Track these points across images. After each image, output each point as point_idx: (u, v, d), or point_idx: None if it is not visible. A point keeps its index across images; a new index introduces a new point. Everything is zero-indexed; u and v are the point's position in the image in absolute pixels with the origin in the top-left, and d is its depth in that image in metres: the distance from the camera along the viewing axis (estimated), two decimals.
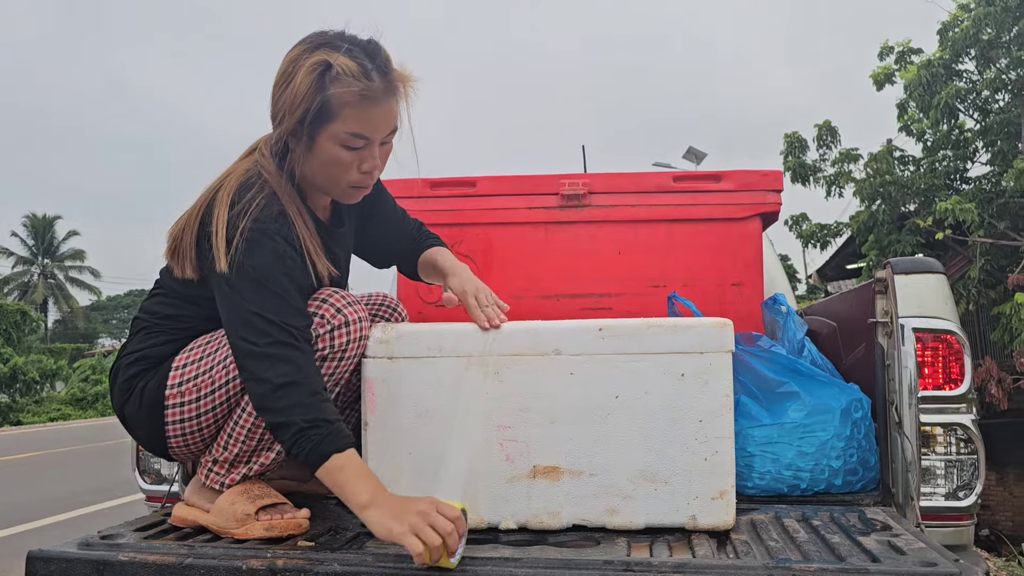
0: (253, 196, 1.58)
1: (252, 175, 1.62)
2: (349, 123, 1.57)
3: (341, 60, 1.54)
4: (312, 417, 1.48)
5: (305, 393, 1.50)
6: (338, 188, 1.68)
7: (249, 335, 1.52)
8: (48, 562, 1.52)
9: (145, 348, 1.73)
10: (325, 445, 1.47)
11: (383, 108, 1.60)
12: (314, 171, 1.65)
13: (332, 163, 1.62)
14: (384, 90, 1.59)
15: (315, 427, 1.47)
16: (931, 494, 1.84)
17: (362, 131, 1.59)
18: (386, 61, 1.60)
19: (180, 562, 1.47)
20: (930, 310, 1.89)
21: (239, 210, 1.56)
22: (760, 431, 1.94)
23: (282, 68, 1.59)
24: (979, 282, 6.89)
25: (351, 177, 1.65)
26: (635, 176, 2.67)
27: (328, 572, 1.42)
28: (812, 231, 8.81)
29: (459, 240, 2.65)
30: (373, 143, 1.62)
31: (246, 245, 1.54)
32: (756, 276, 2.57)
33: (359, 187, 1.69)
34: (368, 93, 1.56)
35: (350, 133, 1.58)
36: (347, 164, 1.62)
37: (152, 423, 1.70)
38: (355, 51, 1.57)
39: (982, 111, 7.72)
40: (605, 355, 1.65)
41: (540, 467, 1.67)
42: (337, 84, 1.54)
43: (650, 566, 1.39)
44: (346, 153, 1.61)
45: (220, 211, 1.57)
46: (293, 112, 1.55)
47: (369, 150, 1.63)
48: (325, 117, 1.56)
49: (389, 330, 1.72)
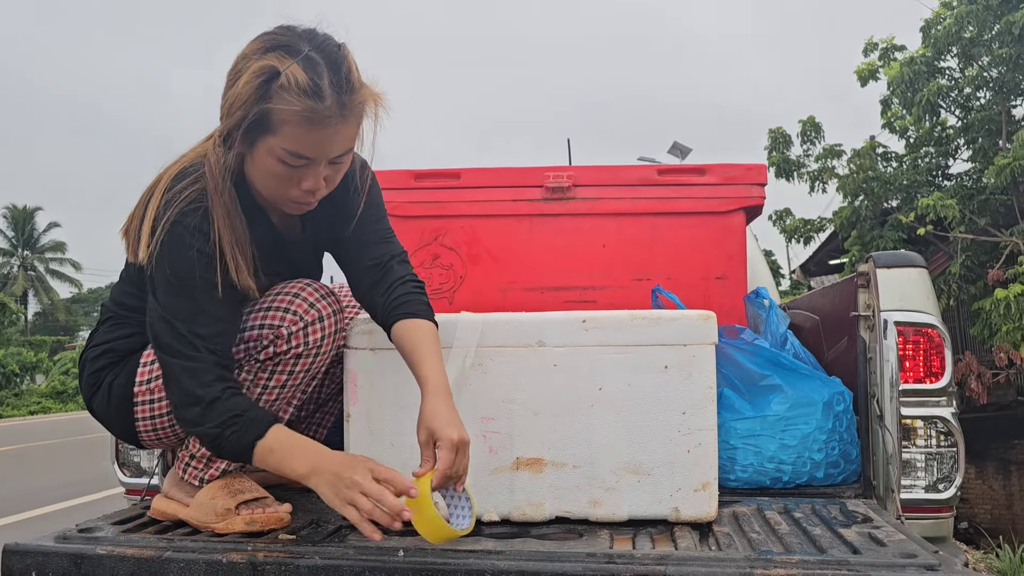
0: (183, 188, 1.49)
1: (194, 166, 1.53)
2: (288, 140, 1.42)
3: (291, 70, 1.37)
4: (220, 421, 1.46)
5: (204, 404, 1.47)
6: (277, 199, 1.56)
7: (159, 340, 1.50)
8: (25, 556, 1.50)
9: (112, 340, 1.70)
10: (244, 438, 1.46)
11: (330, 131, 1.43)
12: (254, 177, 1.54)
13: (268, 175, 1.49)
14: (335, 112, 1.41)
15: (228, 427, 1.46)
16: (911, 487, 1.85)
17: (301, 151, 1.44)
18: (347, 77, 1.42)
19: (159, 556, 1.46)
20: (912, 304, 1.90)
21: (167, 199, 1.48)
22: (743, 424, 1.94)
23: (234, 61, 1.44)
24: (960, 278, 6.94)
25: (291, 193, 1.51)
26: (620, 169, 2.67)
27: (309, 565, 1.41)
28: (796, 226, 8.85)
29: (443, 232, 2.64)
30: (317, 163, 1.47)
31: (167, 239, 1.47)
32: (739, 269, 2.57)
33: (299, 203, 1.55)
34: (313, 115, 1.39)
35: (287, 150, 1.43)
36: (285, 179, 1.49)
37: (122, 417, 1.68)
38: (313, 60, 1.39)
39: (964, 108, 7.77)
40: (589, 347, 1.65)
41: (523, 459, 1.66)
42: (279, 99, 1.38)
43: (632, 558, 1.39)
44: (284, 169, 1.46)
45: (155, 198, 1.50)
46: (232, 114, 1.42)
47: (311, 169, 1.48)
48: (262, 129, 1.42)
49: (371, 321, 1.70)
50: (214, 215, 1.50)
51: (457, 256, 2.61)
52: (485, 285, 2.64)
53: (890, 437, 1.83)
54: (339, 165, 1.53)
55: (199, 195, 1.50)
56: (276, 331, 1.60)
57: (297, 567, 1.41)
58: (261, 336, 1.60)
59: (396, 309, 1.60)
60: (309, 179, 1.49)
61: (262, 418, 1.48)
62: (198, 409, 1.47)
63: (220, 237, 1.50)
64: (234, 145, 1.47)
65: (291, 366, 1.63)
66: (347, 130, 1.47)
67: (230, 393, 1.49)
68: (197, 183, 1.50)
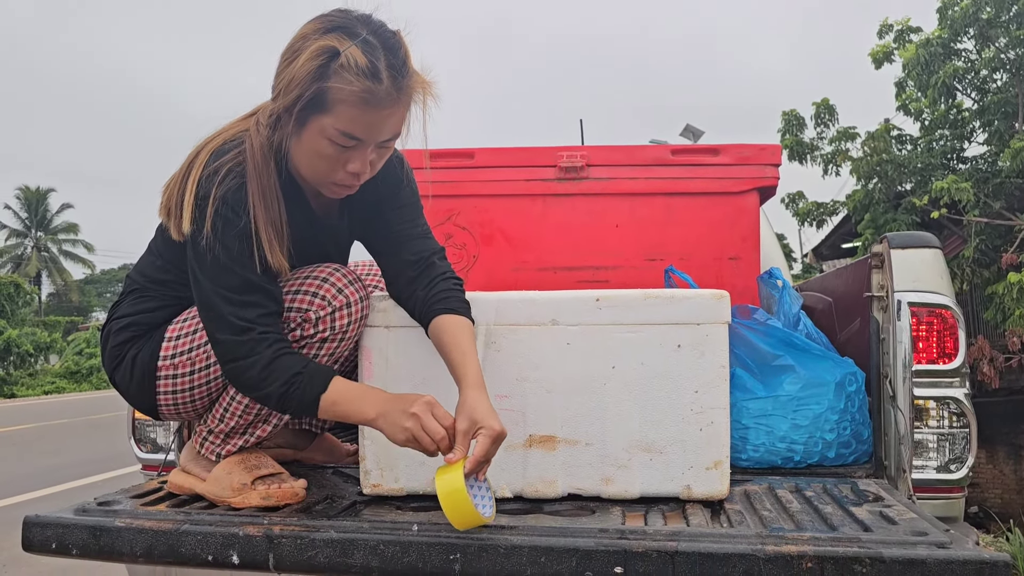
0: (224, 163, 1.51)
1: (235, 141, 1.54)
2: (342, 121, 1.45)
3: (351, 51, 1.40)
4: (282, 380, 1.49)
5: (260, 367, 1.50)
6: (320, 182, 1.57)
7: (209, 312, 1.53)
8: (45, 528, 1.53)
9: (136, 314, 1.72)
10: (308, 394, 1.48)
11: (384, 113, 1.46)
12: (299, 158, 1.55)
13: (317, 155, 1.51)
14: (391, 95, 1.45)
15: (290, 385, 1.48)
16: (923, 467, 1.85)
17: (354, 132, 1.47)
18: (404, 61, 1.46)
19: (176, 528, 1.48)
20: (926, 284, 1.90)
21: (207, 173, 1.50)
22: (755, 403, 1.95)
23: (291, 41, 1.46)
24: (973, 261, 6.89)
25: (335, 175, 1.54)
26: (633, 149, 2.66)
27: (324, 539, 1.43)
28: (809, 209, 8.79)
29: (457, 212, 2.64)
30: (366, 145, 1.50)
31: (211, 215, 1.49)
32: (753, 250, 2.57)
33: (342, 186, 1.57)
34: (369, 96, 1.42)
35: (340, 131, 1.46)
36: (332, 161, 1.51)
37: (143, 390, 1.70)
38: (371, 44, 1.42)
39: (980, 91, 7.68)
40: (602, 325, 1.66)
41: (536, 436, 1.67)
42: (338, 78, 1.41)
43: (644, 534, 1.41)
44: (333, 149, 1.49)
45: (195, 172, 1.51)
46: (288, 93, 1.44)
47: (359, 151, 1.51)
48: (318, 108, 1.45)
49: (386, 299, 1.71)
50: (250, 192, 1.51)
51: (470, 236, 2.62)
52: (498, 265, 2.64)
53: (902, 417, 1.83)
54: (385, 150, 1.56)
55: (240, 171, 1.51)
56: (304, 315, 1.61)
57: (312, 541, 1.43)
58: (288, 319, 1.61)
59: (438, 303, 1.62)
60: (356, 161, 1.51)
61: (322, 372, 1.51)
62: (254, 373, 1.50)
63: (255, 215, 1.51)
64: (285, 124, 1.50)
65: (316, 349, 1.64)
66: (398, 114, 1.50)
67: (285, 352, 1.52)
68: (238, 158, 1.52)
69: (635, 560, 1.33)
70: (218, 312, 1.51)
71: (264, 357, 1.50)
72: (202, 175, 1.51)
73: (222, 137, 1.56)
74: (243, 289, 1.51)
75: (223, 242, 1.50)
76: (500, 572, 1.37)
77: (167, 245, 1.66)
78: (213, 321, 1.53)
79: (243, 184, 1.51)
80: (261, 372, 1.49)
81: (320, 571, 1.44)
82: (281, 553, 1.43)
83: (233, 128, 1.59)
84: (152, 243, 1.76)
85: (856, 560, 1.28)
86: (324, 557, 1.42)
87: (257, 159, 1.53)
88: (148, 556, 1.48)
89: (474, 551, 1.38)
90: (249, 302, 1.51)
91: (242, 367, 1.51)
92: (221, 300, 1.51)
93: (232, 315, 1.50)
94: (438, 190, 2.61)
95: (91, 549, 1.51)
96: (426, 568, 1.39)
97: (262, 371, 1.49)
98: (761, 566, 1.30)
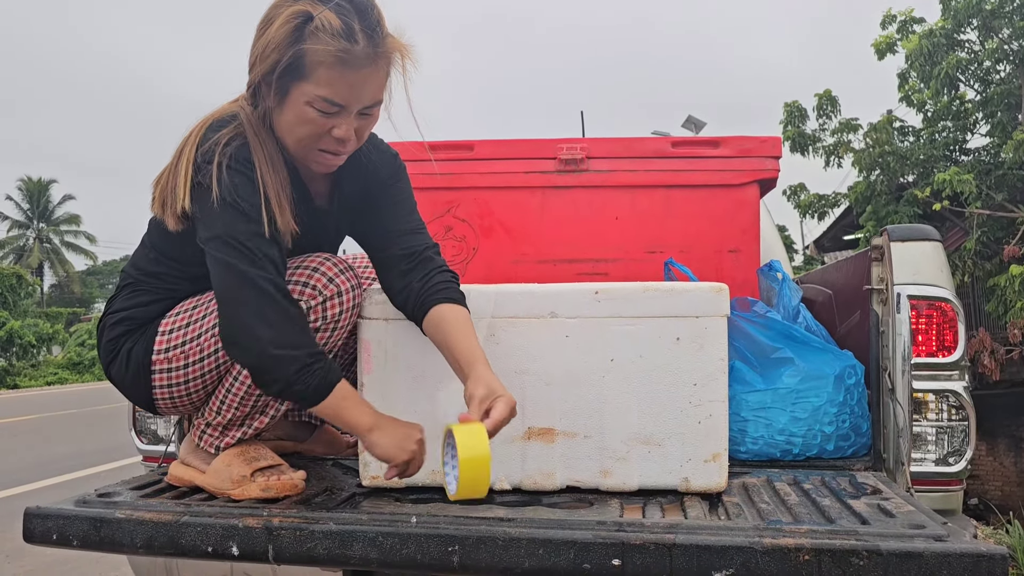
0: (223, 134, 1.50)
1: (229, 115, 1.55)
2: (322, 86, 1.45)
3: (324, 14, 1.41)
4: (315, 351, 1.49)
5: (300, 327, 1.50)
6: (307, 153, 1.56)
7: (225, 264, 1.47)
8: (46, 519, 1.53)
9: (130, 308, 1.72)
10: (331, 376, 1.49)
11: (363, 75, 1.47)
12: (284, 130, 1.54)
13: (300, 123, 1.50)
14: (368, 56, 1.45)
15: (317, 361, 1.48)
16: (922, 460, 1.85)
17: (335, 97, 1.47)
18: (377, 23, 1.46)
19: (176, 520, 1.48)
20: (925, 277, 1.89)
21: (207, 147, 1.49)
22: (754, 396, 1.95)
23: (265, 12, 1.47)
24: (975, 254, 6.88)
25: (322, 142, 1.53)
26: (633, 141, 2.65)
27: (323, 531, 1.43)
28: (810, 201, 8.78)
29: (456, 204, 2.64)
30: (349, 111, 1.50)
31: (217, 175, 1.46)
32: (753, 243, 2.57)
33: (330, 153, 1.56)
34: (347, 56, 1.43)
35: (322, 96, 1.46)
36: (318, 127, 1.51)
37: (138, 384, 1.70)
38: (343, 7, 1.43)
39: (983, 82, 7.66)
40: (601, 318, 1.66)
41: (535, 429, 1.68)
42: (314, 39, 1.42)
43: (643, 526, 1.41)
44: (317, 115, 1.49)
45: (189, 150, 1.51)
46: (264, 60, 1.45)
47: (343, 117, 1.51)
48: (297, 73, 1.45)
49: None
50: (255, 155, 1.51)
51: (470, 228, 2.62)
52: (497, 257, 2.64)
53: (901, 410, 1.83)
54: (368, 117, 1.56)
55: (242, 137, 1.52)
56: None
57: (312, 532, 1.43)
58: None
59: (436, 294, 1.61)
60: (341, 127, 1.51)
61: (337, 365, 1.53)
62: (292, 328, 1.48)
63: (263, 177, 1.51)
64: (266, 96, 1.51)
65: None
66: (377, 78, 1.50)
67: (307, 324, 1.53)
68: (237, 129, 1.52)
69: (633, 553, 1.34)
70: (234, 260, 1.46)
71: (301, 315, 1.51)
72: (199, 150, 1.50)
73: (211, 118, 1.56)
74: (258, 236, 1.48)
75: (235, 195, 1.47)
76: (498, 564, 1.37)
77: (161, 237, 1.66)
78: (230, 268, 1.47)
79: (247, 145, 1.51)
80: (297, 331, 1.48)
81: (319, 563, 1.45)
82: (280, 545, 1.44)
83: (220, 111, 1.59)
84: (145, 236, 1.76)
85: (853, 553, 1.28)
86: (323, 549, 1.42)
87: (256, 127, 1.54)
88: (148, 547, 1.49)
89: (472, 543, 1.38)
90: (266, 252, 1.48)
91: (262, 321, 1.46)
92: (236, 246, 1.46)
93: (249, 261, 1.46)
94: (438, 182, 2.62)
95: (92, 540, 1.51)
96: (425, 560, 1.40)
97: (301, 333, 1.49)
98: (758, 559, 1.31)
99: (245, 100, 1.57)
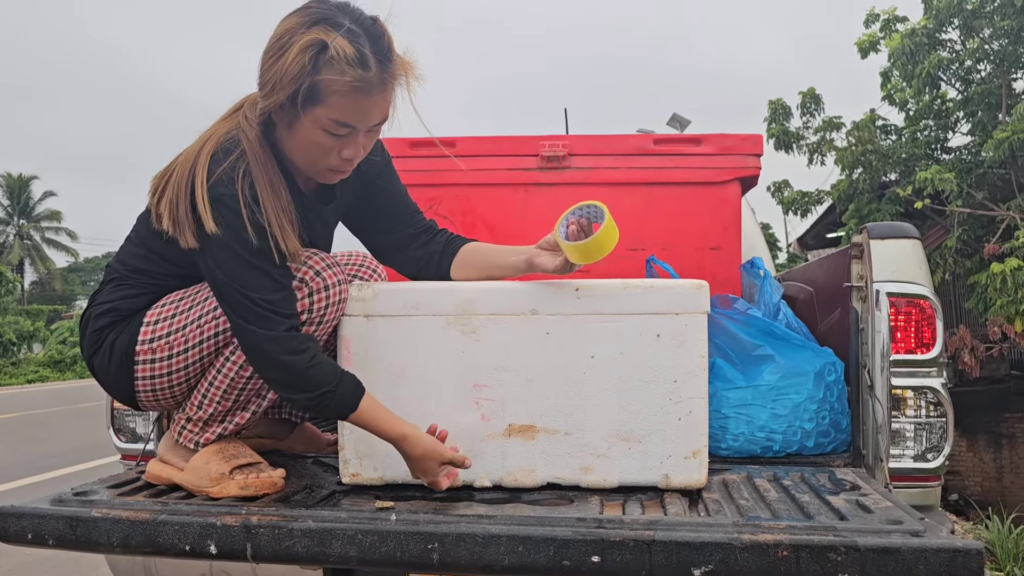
0: (230, 164, 1.53)
1: (231, 140, 1.56)
2: (335, 110, 1.50)
3: (338, 42, 1.44)
4: (320, 391, 1.53)
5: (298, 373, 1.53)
6: (315, 169, 1.62)
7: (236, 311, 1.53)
8: (21, 518, 1.52)
9: (116, 300, 1.71)
10: (344, 405, 1.55)
11: (375, 99, 1.52)
12: (292, 149, 1.59)
13: (312, 145, 1.56)
14: (379, 81, 1.50)
15: (325, 398, 1.54)
16: (900, 456, 1.86)
17: (348, 120, 1.52)
18: (388, 47, 1.51)
19: (154, 518, 1.47)
20: (904, 275, 1.91)
21: (215, 179, 1.51)
22: (735, 393, 1.96)
23: (275, 36, 1.48)
24: (956, 252, 6.93)
25: (330, 161, 1.59)
26: (615, 138, 2.65)
27: (303, 529, 1.42)
28: (794, 198, 8.82)
29: (438, 201, 2.63)
30: (358, 131, 1.56)
31: (225, 216, 1.50)
32: (734, 240, 2.57)
33: (336, 171, 1.63)
34: (361, 84, 1.47)
35: (335, 120, 1.51)
36: (327, 149, 1.56)
37: (121, 376, 1.68)
38: (355, 32, 1.47)
39: (964, 81, 7.72)
40: (581, 315, 1.66)
41: (515, 426, 1.67)
42: (330, 69, 1.45)
43: (622, 523, 1.41)
44: (327, 138, 1.54)
45: (199, 177, 1.52)
46: (281, 88, 1.47)
47: (352, 138, 1.56)
48: (311, 100, 1.49)
49: (366, 288, 1.71)
50: (258, 186, 1.54)
51: (452, 225, 2.60)
52: None
53: (880, 407, 1.84)
54: (375, 133, 1.61)
55: (245, 168, 1.54)
56: None
57: (291, 530, 1.42)
58: None
59: (458, 241, 1.88)
60: (350, 147, 1.57)
61: (355, 384, 1.57)
62: (293, 377, 1.53)
63: (265, 207, 1.53)
64: (279, 119, 1.55)
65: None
66: (386, 98, 1.55)
67: (319, 359, 1.56)
68: (240, 157, 1.54)
69: (612, 549, 1.34)
70: (244, 311, 1.52)
71: (301, 361, 1.53)
72: (209, 180, 1.52)
73: (213, 141, 1.57)
74: (264, 284, 1.53)
75: (243, 240, 1.51)
76: (478, 561, 1.37)
77: (153, 237, 1.66)
78: (242, 318, 1.53)
79: (252, 181, 1.54)
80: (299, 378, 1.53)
81: (298, 561, 1.44)
82: (259, 543, 1.43)
83: (221, 128, 1.60)
84: (133, 233, 1.75)
85: (831, 548, 1.29)
86: (302, 547, 1.42)
87: (258, 153, 1.56)
88: (125, 546, 1.48)
89: (452, 540, 1.38)
90: (273, 300, 1.53)
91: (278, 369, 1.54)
92: (245, 298, 1.51)
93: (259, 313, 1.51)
94: (420, 179, 2.60)
95: (67, 539, 1.50)
96: (404, 557, 1.39)
97: (300, 377, 1.53)
98: (737, 555, 1.31)
99: (249, 117, 1.59)
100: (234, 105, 1.66)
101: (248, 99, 1.64)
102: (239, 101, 1.66)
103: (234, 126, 1.59)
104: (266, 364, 1.55)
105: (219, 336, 1.63)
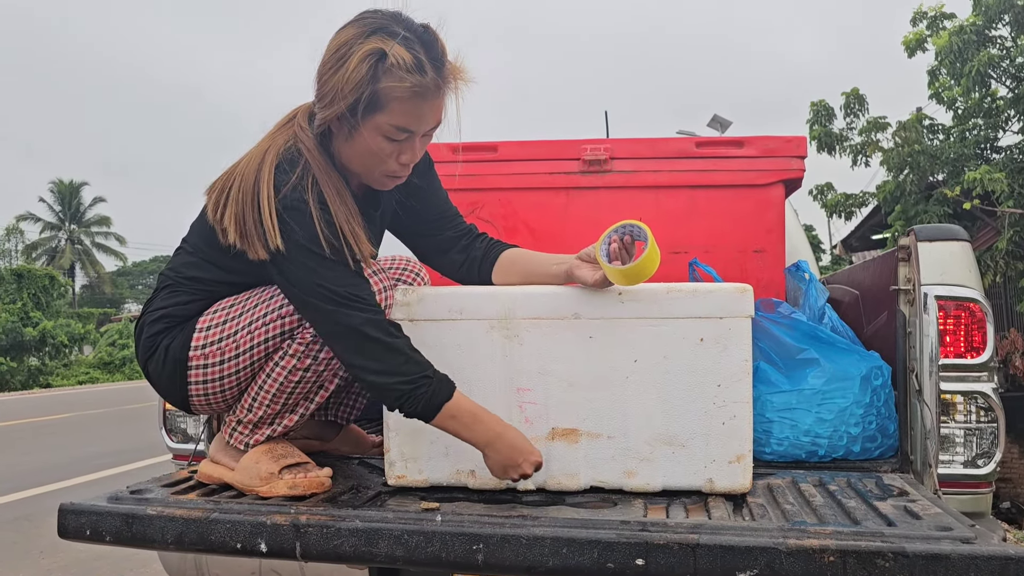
0: (297, 175, 1.55)
1: (292, 152, 1.59)
2: (396, 116, 1.55)
3: (396, 50, 1.49)
4: (412, 377, 1.53)
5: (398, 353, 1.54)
6: (372, 175, 1.67)
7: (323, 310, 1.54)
8: (79, 515, 1.57)
9: (169, 307, 1.75)
10: (435, 399, 1.54)
11: (431, 103, 1.57)
12: (351, 157, 1.63)
13: (371, 153, 1.60)
14: (436, 85, 1.55)
15: (419, 386, 1.53)
16: (950, 462, 1.83)
17: (407, 125, 1.57)
18: (441, 53, 1.56)
19: (206, 516, 1.51)
20: (953, 278, 1.87)
21: (284, 191, 1.53)
22: (779, 397, 1.94)
23: (333, 49, 1.53)
24: (1007, 253, 6.78)
25: (388, 167, 1.63)
26: (657, 141, 2.65)
27: (350, 528, 1.45)
28: (837, 201, 8.70)
29: (480, 205, 2.65)
30: (416, 136, 1.61)
31: (302, 223, 1.52)
32: (778, 243, 2.55)
33: (394, 176, 1.67)
34: (419, 89, 1.52)
35: (395, 126, 1.56)
36: (386, 155, 1.61)
37: (174, 381, 1.73)
38: (411, 40, 1.52)
39: (1015, 79, 7.54)
40: (624, 319, 1.66)
41: (559, 429, 1.68)
42: (389, 76, 1.50)
43: (666, 526, 1.41)
44: (387, 144, 1.59)
45: (265, 189, 1.54)
46: (343, 98, 1.52)
47: (410, 142, 1.61)
48: (372, 108, 1.54)
49: (410, 293, 1.73)
50: (326, 194, 1.57)
51: (494, 229, 2.62)
52: None
53: (928, 412, 1.82)
54: (428, 137, 1.67)
55: (312, 178, 1.57)
56: None
57: (338, 530, 1.45)
58: None
59: (499, 247, 1.90)
60: (407, 152, 1.63)
61: (447, 382, 1.57)
62: (393, 359, 1.54)
63: (336, 214, 1.57)
64: (337, 130, 1.59)
65: None
66: (441, 102, 1.61)
67: (412, 348, 1.58)
68: (306, 167, 1.58)
69: (656, 552, 1.34)
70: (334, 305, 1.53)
71: (406, 341, 1.57)
72: (277, 192, 1.54)
73: (272, 152, 1.59)
74: (349, 279, 1.55)
75: (321, 243, 1.53)
76: (522, 562, 1.38)
77: (209, 244, 1.70)
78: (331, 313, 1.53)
79: (319, 188, 1.57)
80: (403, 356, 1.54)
81: (346, 560, 1.47)
82: (308, 542, 1.46)
83: (278, 140, 1.62)
84: (186, 242, 1.79)
85: (879, 554, 1.28)
86: (350, 546, 1.44)
87: (320, 162, 1.60)
88: (179, 543, 1.52)
89: (497, 541, 1.39)
90: (360, 295, 1.55)
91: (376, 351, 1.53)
92: (331, 292, 1.53)
93: (349, 302, 1.53)
94: (462, 183, 2.62)
95: (124, 536, 1.54)
96: (449, 558, 1.41)
97: (405, 354, 1.54)
98: (783, 559, 1.30)
99: (303, 127, 1.62)
100: (286, 116, 1.69)
101: (300, 110, 1.68)
102: (290, 112, 1.69)
103: (290, 137, 1.62)
104: (364, 346, 1.53)
105: (269, 341, 1.66)
